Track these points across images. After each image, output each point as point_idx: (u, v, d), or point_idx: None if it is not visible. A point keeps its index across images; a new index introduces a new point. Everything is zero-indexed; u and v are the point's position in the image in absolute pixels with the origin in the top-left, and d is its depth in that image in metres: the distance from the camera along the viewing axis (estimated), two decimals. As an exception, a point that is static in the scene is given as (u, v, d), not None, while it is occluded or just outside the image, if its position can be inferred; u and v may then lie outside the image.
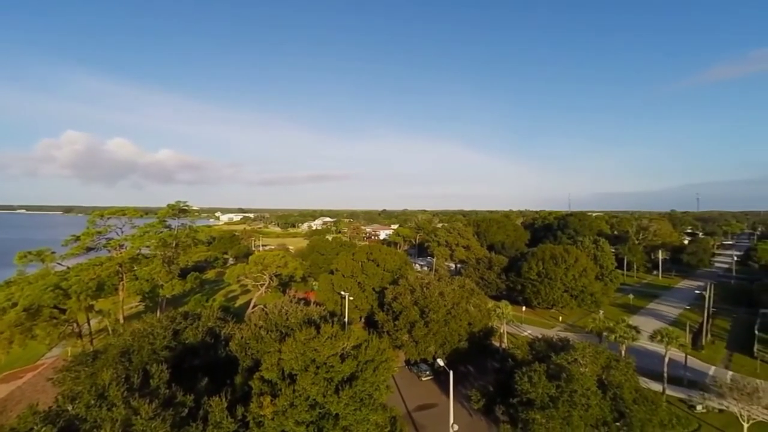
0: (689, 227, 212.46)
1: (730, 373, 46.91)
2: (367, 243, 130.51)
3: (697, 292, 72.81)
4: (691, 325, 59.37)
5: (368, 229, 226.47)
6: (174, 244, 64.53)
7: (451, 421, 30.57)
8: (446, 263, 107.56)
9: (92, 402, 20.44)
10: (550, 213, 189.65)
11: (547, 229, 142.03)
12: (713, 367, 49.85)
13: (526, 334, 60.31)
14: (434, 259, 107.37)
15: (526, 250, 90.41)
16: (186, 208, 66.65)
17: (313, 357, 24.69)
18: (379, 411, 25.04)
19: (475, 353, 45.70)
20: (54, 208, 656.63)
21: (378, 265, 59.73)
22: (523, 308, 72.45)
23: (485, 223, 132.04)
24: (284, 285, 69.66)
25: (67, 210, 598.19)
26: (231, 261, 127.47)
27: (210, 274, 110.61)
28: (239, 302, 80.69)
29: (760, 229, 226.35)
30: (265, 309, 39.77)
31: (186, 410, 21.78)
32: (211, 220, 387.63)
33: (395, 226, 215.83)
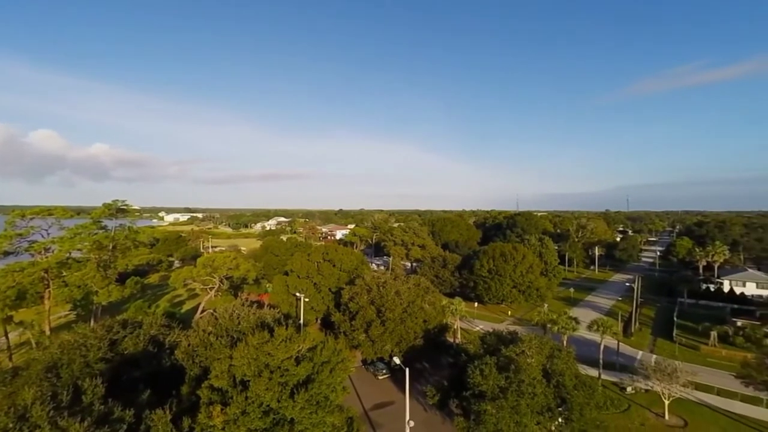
0: (621, 226, 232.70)
1: (654, 356, 52.12)
2: (323, 243, 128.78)
3: (627, 284, 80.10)
4: (622, 315, 65.23)
5: (324, 229, 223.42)
6: (111, 247, 59.30)
7: (407, 417, 31.03)
8: (402, 262, 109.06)
9: (11, 425, 18.22)
10: (500, 213, 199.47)
11: (497, 228, 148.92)
12: (641, 352, 55.09)
13: (478, 329, 62.84)
14: (391, 258, 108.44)
15: (478, 248, 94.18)
16: (125, 207, 61.50)
17: (267, 361, 23.89)
18: (335, 412, 24.76)
19: (430, 350, 46.76)
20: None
21: (334, 266, 59.15)
22: (476, 304, 75.49)
23: (440, 223, 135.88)
24: (236, 288, 66.75)
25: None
26: (177, 264, 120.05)
27: (153, 278, 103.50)
28: (186, 307, 76.22)
29: (678, 227, 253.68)
30: (215, 313, 37.80)
31: (124, 426, 20.16)
32: (155, 220, 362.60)
33: (352, 226, 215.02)
